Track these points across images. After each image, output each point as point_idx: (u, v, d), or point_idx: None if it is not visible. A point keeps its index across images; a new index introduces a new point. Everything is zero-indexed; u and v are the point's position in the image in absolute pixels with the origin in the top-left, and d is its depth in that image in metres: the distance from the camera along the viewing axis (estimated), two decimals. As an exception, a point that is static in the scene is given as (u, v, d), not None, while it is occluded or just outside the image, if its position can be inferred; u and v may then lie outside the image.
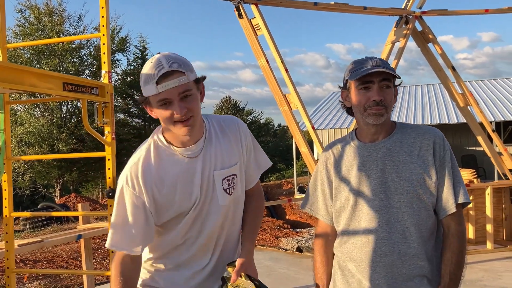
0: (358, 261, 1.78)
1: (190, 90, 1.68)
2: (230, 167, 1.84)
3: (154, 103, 1.68)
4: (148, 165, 1.73)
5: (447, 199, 1.75)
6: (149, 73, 1.65)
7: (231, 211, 1.88)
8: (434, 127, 1.86)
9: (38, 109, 22.13)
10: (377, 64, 1.74)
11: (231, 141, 1.87)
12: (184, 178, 1.75)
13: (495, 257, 6.18)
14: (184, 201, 1.75)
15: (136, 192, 1.70)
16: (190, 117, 1.68)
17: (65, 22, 22.82)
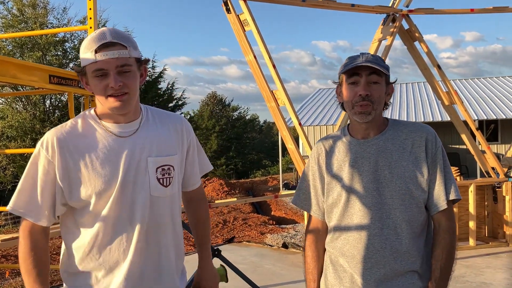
0: (350, 257, 1.78)
1: (130, 66, 1.62)
2: (167, 156, 1.74)
3: (90, 74, 1.61)
4: (68, 133, 1.64)
5: (439, 196, 1.77)
6: (90, 41, 1.60)
7: (166, 207, 1.74)
8: (426, 124, 1.89)
9: (21, 102, 21.78)
10: (367, 59, 1.75)
11: (171, 132, 1.79)
12: (106, 155, 1.63)
13: (477, 254, 6.28)
14: (101, 180, 1.61)
15: (49, 156, 1.60)
16: (124, 93, 1.61)
17: (49, 15, 22.43)
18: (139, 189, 1.66)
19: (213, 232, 9.07)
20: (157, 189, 1.69)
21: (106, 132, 1.66)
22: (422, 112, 18.36)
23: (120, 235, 1.64)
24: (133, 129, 1.70)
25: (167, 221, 1.75)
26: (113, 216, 1.63)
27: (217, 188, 15.62)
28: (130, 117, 1.70)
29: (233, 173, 32.20)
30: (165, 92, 24.64)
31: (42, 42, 20.96)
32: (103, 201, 1.62)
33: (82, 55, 1.62)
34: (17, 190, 1.63)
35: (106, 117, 1.68)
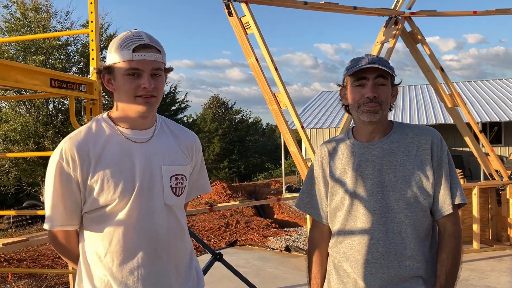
0: (354, 261, 1.76)
1: (162, 71, 1.63)
2: (180, 165, 1.73)
3: (121, 72, 1.58)
4: (85, 141, 1.61)
5: (444, 200, 1.75)
6: (126, 40, 1.58)
7: (178, 218, 1.72)
8: (431, 128, 1.86)
9: (24, 106, 21.84)
10: (373, 61, 1.73)
11: (181, 146, 1.77)
12: (123, 161, 1.61)
13: (481, 257, 6.24)
14: (119, 187, 1.58)
15: (70, 169, 1.58)
16: (153, 96, 1.61)
17: (52, 19, 22.48)
18: (154, 197, 1.64)
19: (216, 236, 9.05)
20: (170, 198, 1.68)
21: (121, 137, 1.64)
22: (425, 115, 18.32)
23: (135, 244, 1.62)
24: (148, 136, 1.68)
25: (179, 230, 1.73)
26: (129, 224, 1.61)
27: (219, 191, 15.61)
28: (147, 123, 1.68)
29: (236, 176, 32.17)
30: (167, 95, 24.65)
31: (45, 46, 21.01)
32: (120, 208, 1.60)
33: (114, 52, 1.59)
34: (50, 207, 1.62)
35: (121, 121, 1.66)
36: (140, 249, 1.62)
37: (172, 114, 24.80)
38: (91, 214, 1.64)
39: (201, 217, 11.01)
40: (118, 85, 1.61)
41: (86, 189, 1.60)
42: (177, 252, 1.72)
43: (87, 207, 1.63)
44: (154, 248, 1.64)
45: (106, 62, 1.63)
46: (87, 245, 1.67)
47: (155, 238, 1.64)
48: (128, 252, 1.61)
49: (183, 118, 26.99)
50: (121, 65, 1.58)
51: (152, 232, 1.63)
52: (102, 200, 1.59)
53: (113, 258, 1.61)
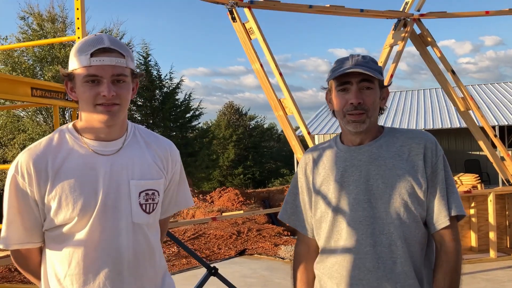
0: (339, 278, 1.61)
1: (125, 77, 1.50)
2: (151, 180, 1.58)
3: (80, 79, 1.46)
4: (43, 153, 1.48)
5: (439, 211, 1.58)
6: (85, 44, 1.46)
7: (147, 238, 1.57)
8: (425, 131, 1.70)
9: (41, 115, 22.15)
10: (357, 63, 1.59)
11: (156, 157, 1.63)
12: (85, 176, 1.48)
13: (499, 266, 5.99)
14: (78, 204, 1.45)
15: (26, 183, 1.46)
16: (115, 103, 1.48)
17: (67, 29, 22.84)
18: (120, 215, 1.51)
19: (227, 244, 8.94)
20: (139, 215, 1.54)
21: (85, 149, 1.52)
22: (440, 118, 17.98)
23: (96, 266, 1.49)
24: (115, 148, 1.55)
25: (149, 251, 1.58)
26: (90, 245, 1.48)
27: (232, 198, 15.50)
28: (114, 133, 1.55)
29: (250, 182, 32.05)
30: (182, 103, 24.74)
31: (61, 55, 21.30)
32: (80, 227, 1.48)
33: (73, 57, 1.49)
34: (6, 224, 1.50)
35: (87, 132, 1.54)
36: (102, 272, 1.48)
37: (187, 121, 24.87)
38: (51, 232, 1.52)
39: (213, 224, 10.91)
40: (79, 93, 1.50)
41: (44, 206, 1.48)
42: (145, 276, 1.57)
43: (46, 224, 1.51)
44: (118, 271, 1.50)
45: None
46: (48, 266, 1.55)
47: (119, 260, 1.50)
48: (88, 275, 1.48)
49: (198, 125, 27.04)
50: (79, 72, 1.47)
51: (116, 254, 1.50)
52: (60, 218, 1.47)
53: (73, 281, 1.48)
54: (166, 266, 1.70)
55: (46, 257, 1.56)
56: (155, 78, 23.35)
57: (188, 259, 7.55)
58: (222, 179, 32.66)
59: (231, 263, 6.98)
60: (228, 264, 6.83)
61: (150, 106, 22.85)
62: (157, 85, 23.39)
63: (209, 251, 8.36)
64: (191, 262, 7.35)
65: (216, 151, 31.29)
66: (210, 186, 27.86)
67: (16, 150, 20.57)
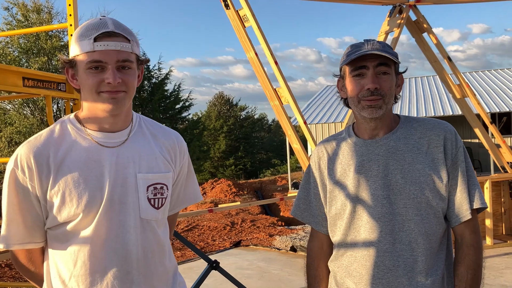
0: (358, 277, 1.53)
1: (131, 63, 1.40)
2: (159, 173, 1.48)
3: (82, 66, 1.36)
4: (44, 146, 1.38)
5: (461, 205, 1.51)
6: (88, 28, 1.36)
7: (157, 234, 1.49)
8: (444, 121, 1.61)
9: (28, 108, 21.81)
10: (373, 47, 1.49)
11: (163, 149, 1.53)
12: (91, 169, 1.39)
13: (495, 253, 5.99)
14: (83, 200, 1.36)
15: (26, 178, 1.36)
16: (121, 91, 1.38)
17: (53, 19, 22.42)
18: (127, 211, 1.41)
19: (221, 235, 8.87)
20: (148, 211, 1.44)
21: (89, 141, 1.42)
22: (433, 106, 18.01)
23: (104, 266, 1.39)
24: (120, 140, 1.45)
25: (158, 249, 1.49)
26: (96, 243, 1.39)
27: (225, 189, 15.43)
28: (119, 123, 1.45)
29: (242, 173, 32.00)
30: (171, 93, 24.49)
31: (47, 47, 20.92)
32: (85, 224, 1.38)
33: (74, 43, 1.38)
34: (6, 223, 1.40)
35: (90, 123, 1.44)
36: (110, 272, 1.39)
37: (177, 112, 24.65)
38: (54, 230, 1.42)
39: (206, 216, 10.83)
40: (81, 81, 1.39)
41: (46, 202, 1.38)
42: (155, 274, 1.48)
43: (49, 222, 1.41)
44: (126, 270, 1.41)
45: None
46: (51, 266, 1.45)
47: (127, 259, 1.41)
48: (95, 275, 1.39)
49: (188, 116, 26.83)
50: (82, 58, 1.36)
51: (124, 252, 1.40)
52: (64, 215, 1.37)
53: (78, 283, 1.39)
54: (176, 264, 1.61)
55: (49, 257, 1.46)
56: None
57: (183, 251, 7.46)
58: (214, 171, 32.56)
59: (226, 255, 6.91)
60: (224, 256, 6.76)
61: (138, 97, 22.56)
62: (146, 75, 23.11)
63: (204, 243, 8.29)
64: (185, 254, 7.26)
65: (207, 143, 31.13)
66: (201, 178, 27.75)
67: (3, 143, 20.25)
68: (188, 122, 26.10)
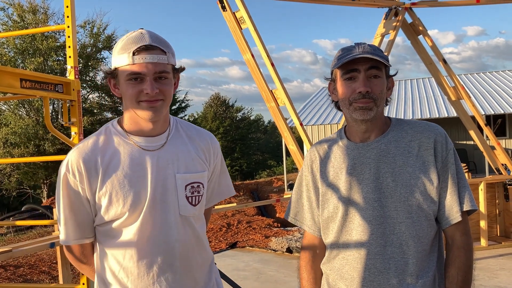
0: (350, 280, 1.55)
1: (168, 73, 1.51)
2: (196, 172, 1.62)
3: (123, 77, 1.49)
4: (92, 151, 1.52)
5: (451, 207, 1.53)
6: (127, 42, 1.48)
7: (195, 229, 1.62)
8: (434, 124, 1.63)
9: (24, 108, 21.74)
10: (364, 50, 1.51)
11: (198, 150, 1.66)
12: (133, 172, 1.52)
13: (490, 255, 6.03)
14: (129, 200, 1.50)
15: (77, 181, 1.50)
16: (159, 99, 1.50)
17: (49, 20, 22.37)
18: (168, 209, 1.55)
19: (217, 237, 8.87)
20: (186, 208, 1.58)
21: (131, 145, 1.55)
22: (428, 108, 18.08)
23: (148, 259, 1.54)
24: (160, 143, 1.58)
25: (197, 242, 1.64)
26: (142, 238, 1.53)
27: (221, 190, 15.40)
28: (158, 128, 1.58)
29: (238, 174, 31.99)
30: (167, 94, 24.45)
31: (43, 47, 20.87)
32: (131, 221, 1.53)
33: (116, 55, 1.51)
34: (62, 222, 1.56)
35: (131, 128, 1.57)
36: (156, 265, 1.54)
37: (173, 113, 24.66)
38: (102, 227, 1.57)
39: (202, 217, 10.82)
40: (122, 91, 1.53)
41: (95, 202, 1.53)
42: (195, 265, 1.63)
43: (98, 220, 1.56)
44: (170, 263, 1.56)
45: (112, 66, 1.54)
46: (100, 260, 1.60)
47: (171, 252, 1.56)
48: (142, 267, 1.54)
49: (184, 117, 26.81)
50: (122, 70, 1.49)
51: (168, 246, 1.55)
52: (111, 214, 1.52)
53: (128, 274, 1.55)
54: (212, 254, 1.74)
55: (98, 250, 1.60)
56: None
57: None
58: (210, 171, 32.48)
59: (223, 256, 6.91)
60: (220, 257, 6.77)
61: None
62: (143, 77, 23.04)
63: (200, 244, 8.29)
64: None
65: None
66: (197, 179, 27.68)
67: (-1, 144, 20.20)
68: (184, 123, 26.09)
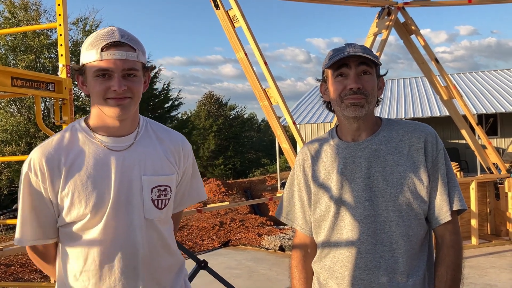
0: (340, 278, 1.56)
1: (137, 71, 1.48)
2: (164, 175, 1.58)
3: (91, 73, 1.45)
4: (56, 150, 1.48)
5: (441, 206, 1.54)
6: (96, 39, 1.45)
7: (160, 233, 1.58)
8: (425, 124, 1.65)
9: (15, 106, 21.57)
10: (355, 50, 1.53)
11: (168, 153, 1.62)
12: (97, 172, 1.48)
13: (480, 253, 6.08)
14: (91, 201, 1.46)
15: (39, 180, 1.47)
16: (127, 97, 1.47)
17: (41, 17, 22.20)
18: (133, 211, 1.51)
19: (210, 235, 8.87)
20: (151, 211, 1.54)
21: (97, 145, 1.51)
22: (420, 107, 18.17)
23: (111, 263, 1.50)
24: (127, 143, 1.54)
25: (162, 246, 1.60)
26: (104, 241, 1.49)
27: (214, 189, 15.42)
28: (126, 127, 1.54)
29: (231, 173, 31.99)
30: (160, 92, 24.40)
31: (35, 44, 20.71)
32: (94, 224, 1.49)
33: (84, 51, 1.47)
34: (20, 221, 1.52)
35: (98, 127, 1.53)
36: (118, 268, 1.50)
37: (166, 111, 24.57)
38: (65, 228, 1.52)
39: (195, 216, 10.82)
40: (90, 87, 1.48)
41: (58, 203, 1.49)
42: (159, 269, 1.58)
43: (60, 221, 1.52)
44: (133, 266, 1.51)
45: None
46: (63, 262, 1.55)
47: (134, 256, 1.51)
48: (104, 271, 1.50)
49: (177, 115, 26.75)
50: (90, 66, 1.46)
51: (131, 250, 1.51)
52: (73, 215, 1.47)
53: (89, 277, 1.50)
54: (182, 259, 1.70)
55: (61, 252, 1.56)
56: (133, 68, 22.88)
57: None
58: (203, 170, 32.49)
59: (215, 255, 6.92)
60: (213, 256, 6.77)
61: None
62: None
63: (192, 242, 8.28)
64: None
65: (196, 142, 31.05)
66: (190, 177, 27.65)
67: (-10, 142, 20.03)
68: (177, 121, 26.03)
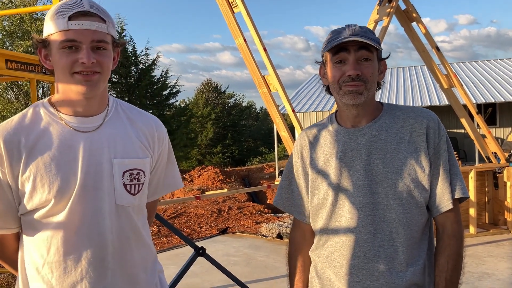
0: (338, 267, 1.52)
1: (107, 44, 1.37)
2: (136, 158, 1.45)
3: (56, 45, 1.33)
4: (16, 130, 1.34)
5: (442, 194, 1.50)
6: (62, 7, 1.33)
7: (133, 221, 1.45)
8: (427, 109, 1.59)
9: (12, 92, 21.47)
10: (354, 32, 1.46)
11: (140, 135, 1.49)
12: (62, 154, 1.35)
13: (478, 242, 6.09)
14: (55, 186, 1.33)
15: None
16: (96, 72, 1.35)
17: (38, 2, 21.99)
18: (102, 197, 1.38)
19: (208, 222, 8.87)
20: (123, 197, 1.41)
21: (62, 125, 1.38)
22: (420, 96, 18.12)
23: (76, 253, 1.36)
24: (95, 124, 1.42)
25: (135, 236, 1.46)
26: (69, 229, 1.35)
27: (212, 176, 15.41)
28: (94, 107, 1.42)
29: (229, 161, 31.97)
30: (159, 80, 24.25)
31: (32, 30, 20.54)
32: (58, 210, 1.35)
33: (49, 21, 1.35)
34: None
35: (64, 106, 1.40)
36: (84, 259, 1.37)
37: (164, 99, 24.44)
38: (27, 216, 1.39)
39: (193, 203, 10.82)
40: (54, 61, 1.36)
41: (18, 188, 1.36)
42: (131, 261, 1.45)
43: (22, 209, 1.38)
44: (101, 257, 1.38)
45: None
46: (25, 253, 1.42)
47: (102, 246, 1.38)
48: (69, 262, 1.36)
49: (175, 102, 26.62)
50: (56, 37, 1.33)
51: (99, 238, 1.38)
52: (36, 201, 1.34)
53: (52, 270, 1.36)
54: (155, 252, 1.58)
55: (23, 244, 1.43)
56: (130, 54, 22.73)
57: (169, 238, 7.45)
58: (201, 158, 32.49)
59: (213, 242, 6.92)
60: (211, 243, 6.77)
61: (125, 83, 22.30)
62: (133, 61, 22.81)
63: (190, 229, 8.28)
64: (172, 241, 7.25)
65: (195, 130, 30.99)
66: (188, 165, 27.68)
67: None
68: (175, 109, 25.90)
